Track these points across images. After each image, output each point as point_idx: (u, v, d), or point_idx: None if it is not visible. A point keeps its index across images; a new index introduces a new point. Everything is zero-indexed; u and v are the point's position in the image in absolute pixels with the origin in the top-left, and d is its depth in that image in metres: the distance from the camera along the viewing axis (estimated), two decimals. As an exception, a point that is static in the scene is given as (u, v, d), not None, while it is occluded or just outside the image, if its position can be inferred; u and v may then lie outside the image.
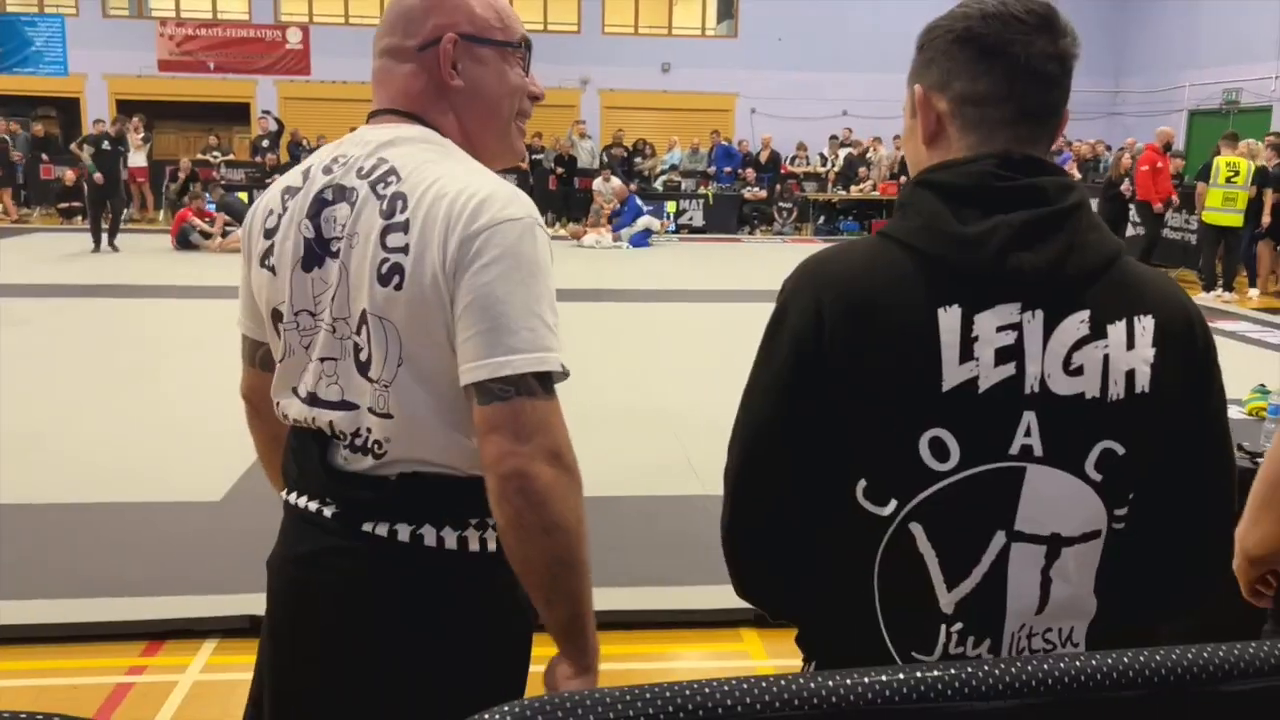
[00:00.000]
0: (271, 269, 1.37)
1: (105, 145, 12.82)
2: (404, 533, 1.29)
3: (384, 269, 1.24)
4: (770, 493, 1.12)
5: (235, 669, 3.11)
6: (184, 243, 13.23)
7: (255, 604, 3.35)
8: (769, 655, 3.23)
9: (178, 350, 7.32)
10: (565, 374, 1.23)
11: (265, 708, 1.41)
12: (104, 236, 12.61)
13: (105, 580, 3.55)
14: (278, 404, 1.41)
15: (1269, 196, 10.81)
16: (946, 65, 1.10)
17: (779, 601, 1.21)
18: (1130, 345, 1.06)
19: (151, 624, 3.29)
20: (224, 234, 13.36)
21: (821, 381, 1.06)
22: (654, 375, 6.77)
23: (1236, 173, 10.85)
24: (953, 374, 1.03)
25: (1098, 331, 1.05)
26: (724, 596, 3.43)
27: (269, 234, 1.37)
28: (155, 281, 10.55)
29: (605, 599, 3.35)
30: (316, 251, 1.32)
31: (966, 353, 1.03)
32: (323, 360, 1.32)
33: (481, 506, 1.28)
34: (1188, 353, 1.10)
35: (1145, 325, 1.07)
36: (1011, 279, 1.03)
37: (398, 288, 1.23)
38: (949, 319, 1.03)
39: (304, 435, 1.37)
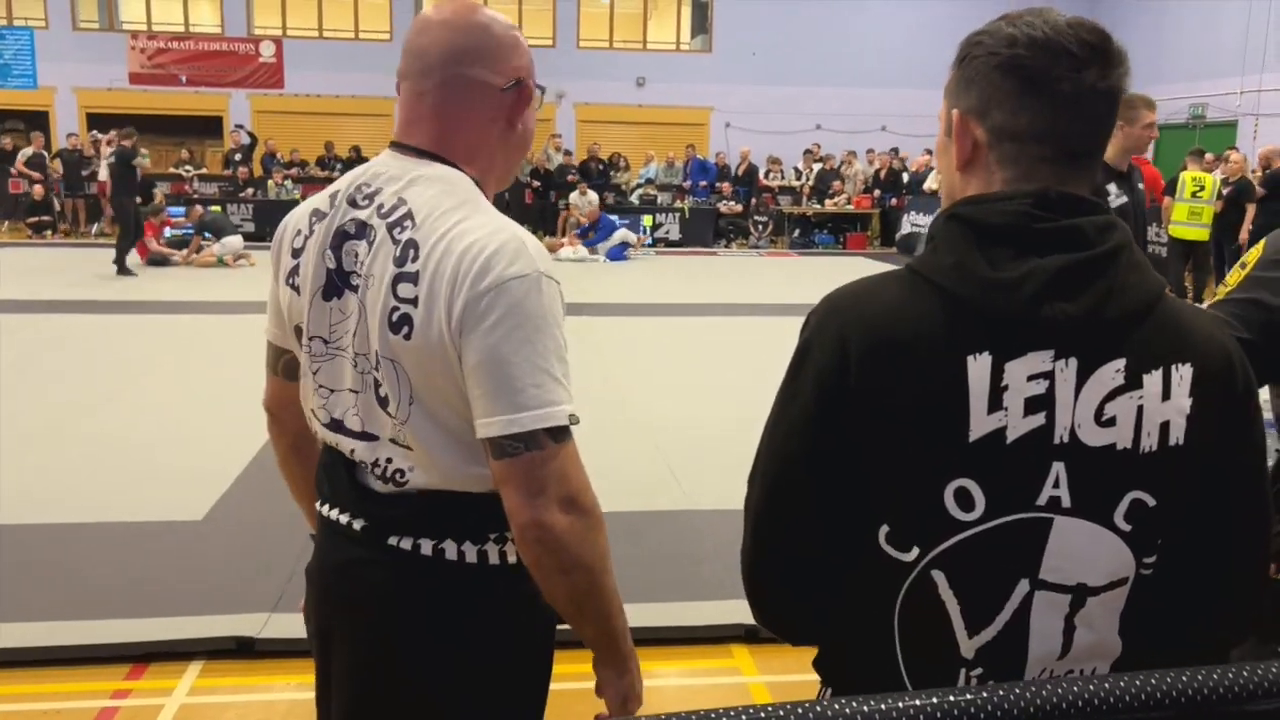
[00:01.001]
0: (296, 289, 1.41)
1: (114, 160, 12.26)
2: (427, 547, 1.35)
3: (394, 317, 1.28)
4: (792, 526, 1.10)
5: (223, 691, 3.07)
6: (153, 258, 13.07)
7: (242, 625, 3.32)
8: (760, 671, 3.24)
9: (154, 367, 7.24)
10: (575, 421, 1.26)
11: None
12: (121, 256, 12.00)
13: (87, 602, 3.51)
14: (309, 417, 1.47)
15: (1250, 210, 10.96)
16: (987, 92, 1.05)
17: (798, 630, 1.21)
18: (1166, 396, 1.02)
19: (136, 646, 3.25)
20: (199, 249, 13.24)
21: (844, 421, 1.04)
22: (635, 389, 6.78)
23: (1202, 188, 11.05)
24: (980, 424, 1.00)
25: (1133, 381, 1.01)
26: (714, 612, 3.49)
27: (295, 253, 1.42)
28: (127, 297, 10.43)
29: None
30: (337, 283, 1.36)
31: (995, 402, 1.00)
32: (348, 392, 1.38)
33: (499, 522, 1.33)
34: (1227, 399, 1.06)
35: (1183, 374, 1.03)
36: (1045, 327, 0.99)
37: (406, 337, 1.27)
38: (978, 367, 1.00)
39: (334, 453, 1.43)
